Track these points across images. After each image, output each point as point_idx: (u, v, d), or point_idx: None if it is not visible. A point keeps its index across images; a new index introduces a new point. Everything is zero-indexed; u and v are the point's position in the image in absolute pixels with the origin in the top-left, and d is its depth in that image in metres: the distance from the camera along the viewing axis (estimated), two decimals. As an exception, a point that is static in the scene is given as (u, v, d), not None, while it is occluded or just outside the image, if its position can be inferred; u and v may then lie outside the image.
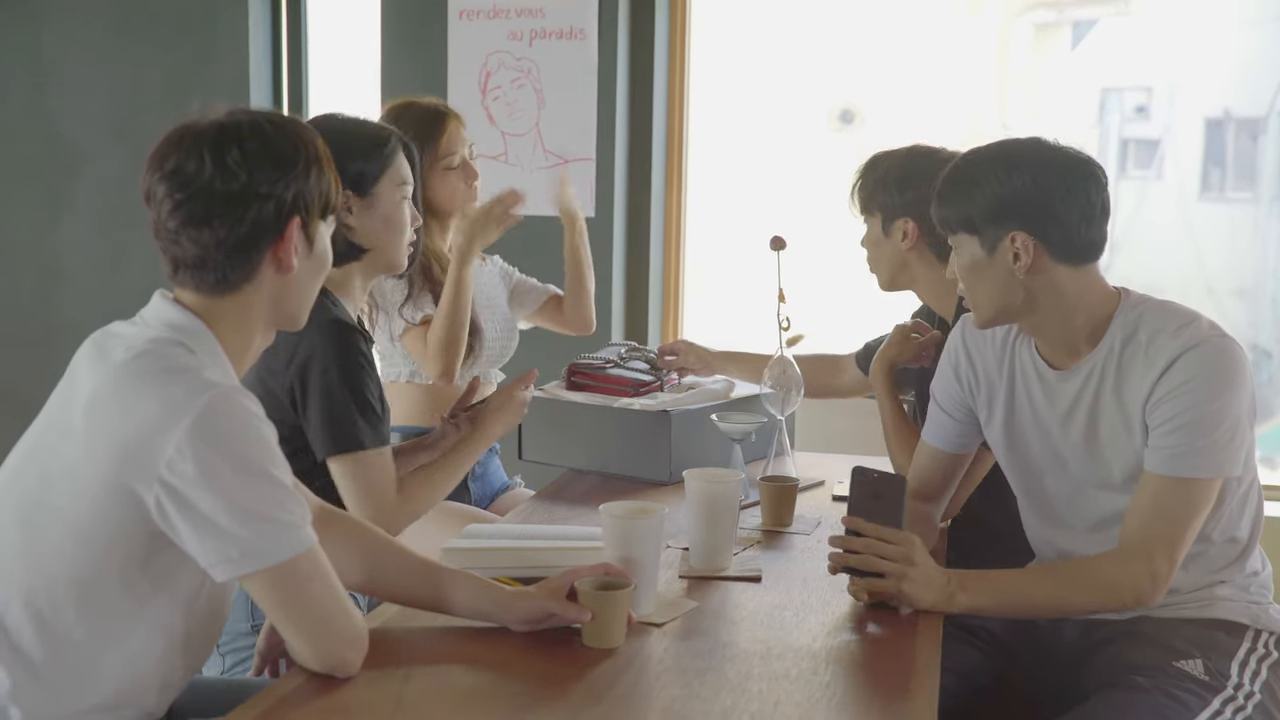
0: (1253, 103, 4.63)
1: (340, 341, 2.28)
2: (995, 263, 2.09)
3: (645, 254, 4.70)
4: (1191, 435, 2.01)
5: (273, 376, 2.29)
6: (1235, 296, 4.62)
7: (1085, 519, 2.19)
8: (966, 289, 2.17)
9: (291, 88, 5.12)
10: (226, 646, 2.31)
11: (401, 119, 3.06)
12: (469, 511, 3.01)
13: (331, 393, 2.26)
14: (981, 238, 2.10)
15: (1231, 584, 2.16)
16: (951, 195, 2.13)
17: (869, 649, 1.88)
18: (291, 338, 2.22)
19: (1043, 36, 4.92)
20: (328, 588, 1.66)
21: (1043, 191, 2.05)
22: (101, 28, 5.04)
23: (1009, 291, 2.11)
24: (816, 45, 4.79)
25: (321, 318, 2.24)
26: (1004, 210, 2.07)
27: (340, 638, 1.68)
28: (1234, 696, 2.02)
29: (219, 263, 1.68)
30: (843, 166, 4.83)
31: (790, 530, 2.46)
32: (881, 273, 2.76)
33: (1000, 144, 2.14)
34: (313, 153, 1.72)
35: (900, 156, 2.70)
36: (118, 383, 1.61)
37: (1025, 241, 2.06)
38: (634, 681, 1.72)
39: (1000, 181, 2.06)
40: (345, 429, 2.27)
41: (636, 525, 1.93)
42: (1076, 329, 2.13)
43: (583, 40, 4.49)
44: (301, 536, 1.62)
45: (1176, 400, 2.03)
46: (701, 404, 2.87)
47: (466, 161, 3.15)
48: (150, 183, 1.68)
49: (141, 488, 1.57)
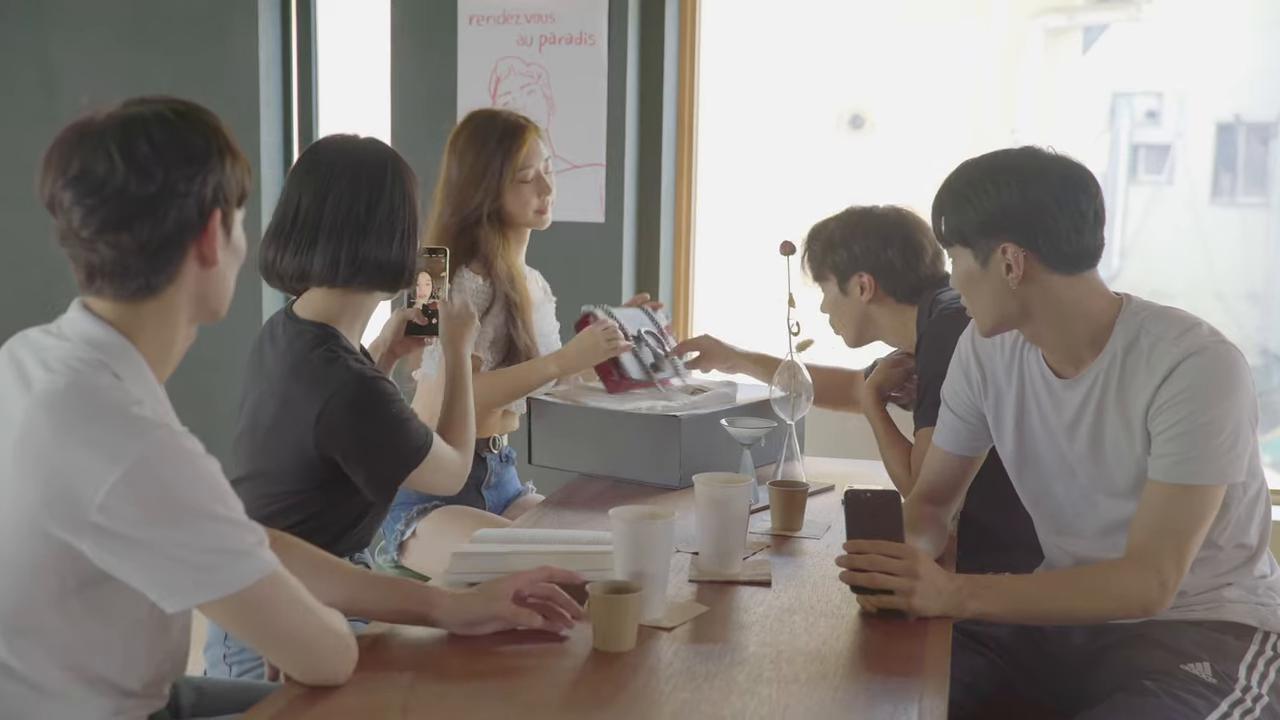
0: (1264, 107, 4.62)
1: (368, 399, 2.27)
2: (989, 274, 2.11)
3: (655, 259, 4.70)
4: (1193, 442, 2.02)
5: (299, 436, 2.28)
6: (1247, 301, 4.61)
7: (1094, 525, 2.20)
8: (966, 299, 2.19)
9: (301, 93, 5.13)
10: (234, 657, 2.31)
11: (481, 129, 3.12)
12: (483, 516, 3.01)
13: (377, 445, 2.29)
14: (974, 250, 2.12)
15: (1239, 586, 2.16)
16: (945, 209, 2.15)
17: (878, 654, 1.88)
18: (309, 399, 2.24)
19: (1053, 41, 4.92)
20: (296, 606, 1.61)
21: (1030, 203, 2.06)
22: (110, 32, 5.05)
23: (1004, 302, 2.12)
24: (827, 50, 4.79)
25: (340, 377, 2.24)
26: (993, 223, 2.08)
27: (319, 653, 1.65)
28: (1241, 699, 2.02)
29: (140, 268, 1.58)
30: (853, 172, 4.85)
31: (800, 535, 2.45)
32: (848, 332, 2.87)
33: (991, 156, 2.15)
34: (223, 140, 1.64)
35: (839, 219, 2.82)
36: (45, 422, 1.50)
37: (1015, 253, 2.07)
38: (644, 685, 1.72)
39: (988, 195, 2.08)
40: (408, 449, 2.32)
41: (647, 530, 1.93)
42: (1077, 337, 2.13)
43: (593, 45, 4.49)
44: (257, 563, 1.55)
45: (1177, 407, 2.03)
46: (711, 409, 2.87)
47: (540, 175, 3.15)
48: (52, 189, 1.58)
49: (71, 535, 1.49)
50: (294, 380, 2.27)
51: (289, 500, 2.31)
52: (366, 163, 2.31)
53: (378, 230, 2.29)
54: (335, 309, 2.33)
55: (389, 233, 2.30)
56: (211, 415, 2.79)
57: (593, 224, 4.58)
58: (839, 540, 2.35)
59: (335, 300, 2.33)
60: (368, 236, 2.28)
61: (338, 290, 2.31)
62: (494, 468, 3.20)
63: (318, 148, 2.39)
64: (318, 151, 2.38)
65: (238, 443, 2.39)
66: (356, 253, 2.28)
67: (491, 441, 3.19)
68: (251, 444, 2.35)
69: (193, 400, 2.38)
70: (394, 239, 2.31)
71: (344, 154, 2.33)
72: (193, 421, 1.63)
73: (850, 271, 2.77)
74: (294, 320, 2.34)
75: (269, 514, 2.30)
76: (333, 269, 2.28)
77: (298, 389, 2.26)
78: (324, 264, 2.28)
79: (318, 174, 2.30)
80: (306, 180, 2.31)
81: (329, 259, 2.27)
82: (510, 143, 3.11)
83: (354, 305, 2.35)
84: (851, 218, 2.80)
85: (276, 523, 2.25)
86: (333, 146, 2.37)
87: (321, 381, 2.25)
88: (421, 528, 3.02)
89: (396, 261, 2.32)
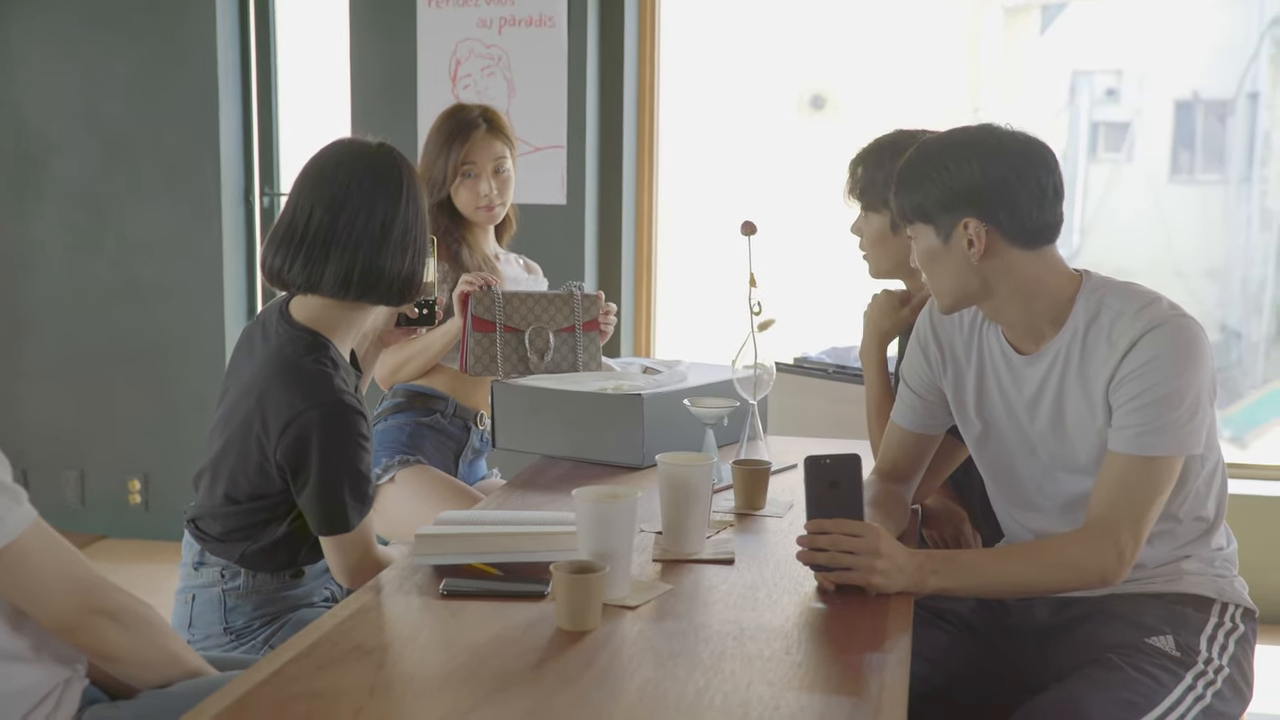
0: (1221, 85, 4.66)
1: (340, 426, 2.24)
2: (951, 250, 2.12)
3: (617, 241, 4.71)
4: (1154, 413, 2.03)
5: (265, 434, 2.26)
6: (1206, 278, 4.65)
7: (1055, 501, 2.21)
8: (928, 276, 2.20)
9: (260, 77, 5.10)
10: (198, 646, 2.30)
11: (440, 125, 3.28)
12: (458, 486, 3.08)
13: (327, 480, 2.24)
14: (936, 226, 2.12)
15: (1197, 559, 2.18)
16: (906, 187, 2.16)
17: (841, 629, 1.89)
18: (288, 401, 2.22)
19: (1013, 20, 4.94)
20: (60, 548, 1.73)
21: (990, 178, 2.07)
22: (70, 17, 5.02)
23: (966, 278, 2.13)
24: (788, 31, 4.80)
25: (323, 393, 2.23)
26: (955, 199, 2.09)
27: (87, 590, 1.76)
28: (1204, 671, 2.05)
29: None
30: (814, 152, 4.86)
31: (763, 513, 2.46)
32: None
33: (950, 133, 2.16)
34: None
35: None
36: None
37: (977, 228, 2.08)
38: (608, 663, 1.72)
39: (949, 172, 2.09)
40: (337, 514, 2.26)
41: (609, 509, 1.93)
42: (1038, 313, 2.15)
43: (552, 28, 4.49)
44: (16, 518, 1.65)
45: (1139, 379, 2.04)
46: (673, 387, 2.87)
47: (487, 173, 3.25)
48: None
49: None
50: (278, 382, 2.25)
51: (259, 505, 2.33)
52: (382, 176, 2.29)
53: (392, 248, 2.28)
54: (333, 319, 2.32)
55: (402, 250, 2.29)
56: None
57: (554, 206, 4.58)
58: (801, 518, 2.36)
59: (334, 310, 2.32)
60: (382, 253, 2.27)
61: (341, 301, 2.31)
62: (474, 444, 3.25)
63: (331, 155, 2.34)
64: (331, 159, 2.33)
65: (211, 431, 2.39)
66: (369, 269, 2.27)
67: (479, 417, 3.23)
68: (223, 435, 2.35)
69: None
70: (406, 255, 2.30)
71: (359, 165, 2.30)
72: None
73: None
74: (288, 322, 2.32)
75: (253, 524, 2.33)
76: (344, 285, 2.27)
77: (278, 391, 2.24)
78: (336, 278, 2.26)
79: (332, 185, 2.28)
80: (320, 190, 2.28)
81: (341, 274, 2.26)
82: (457, 139, 3.23)
83: (351, 316, 2.34)
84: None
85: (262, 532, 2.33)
86: (347, 156, 2.33)
87: (305, 390, 2.23)
88: (401, 476, 3.08)
89: (407, 277, 2.31)
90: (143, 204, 5.08)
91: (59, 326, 5.20)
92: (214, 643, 2.35)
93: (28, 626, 1.74)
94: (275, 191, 5.16)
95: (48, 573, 1.71)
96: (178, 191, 5.04)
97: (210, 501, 2.37)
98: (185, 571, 2.42)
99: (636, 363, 3.22)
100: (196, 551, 2.39)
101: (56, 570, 1.73)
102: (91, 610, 1.77)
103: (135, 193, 5.08)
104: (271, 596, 2.38)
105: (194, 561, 2.39)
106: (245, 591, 2.36)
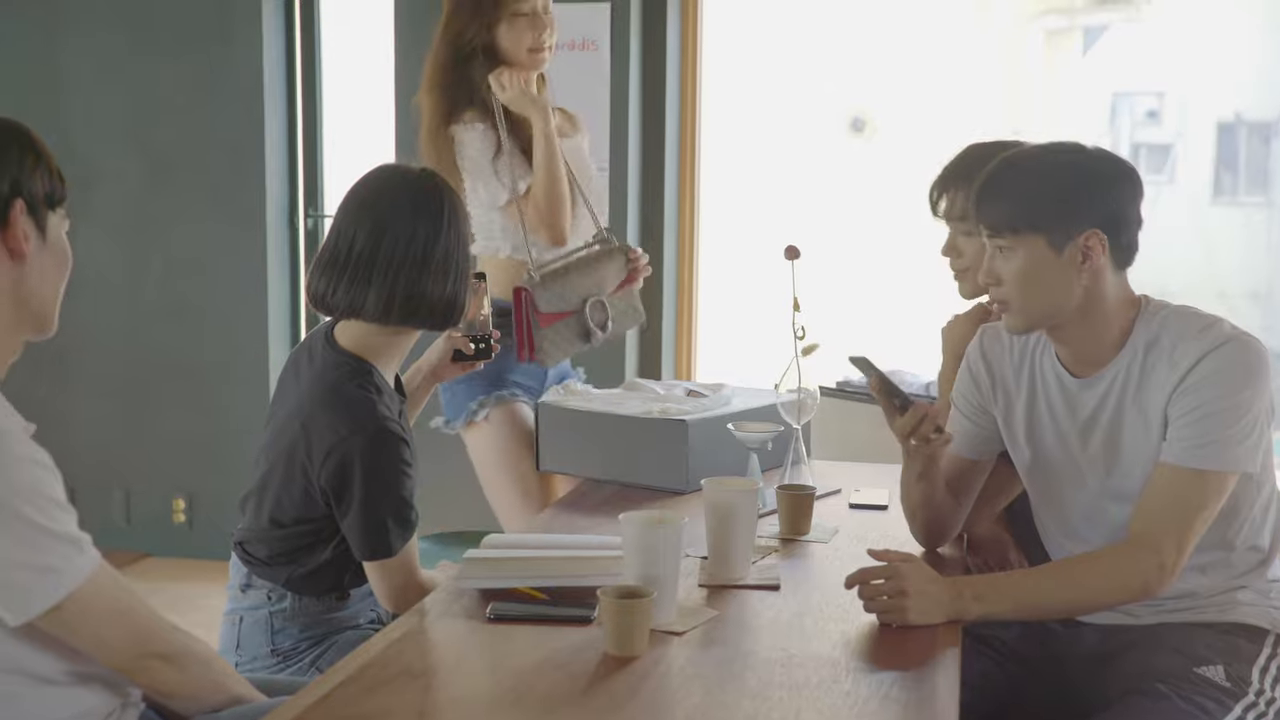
0: (1265, 106, 4.63)
1: (382, 452, 2.26)
2: (1061, 263, 2.07)
3: (659, 265, 4.71)
4: (1209, 427, 2.02)
5: (309, 459, 2.28)
6: (1249, 300, 4.62)
7: (1100, 531, 2.19)
8: (1018, 290, 2.11)
9: (305, 100, 5.14)
10: (245, 668, 2.32)
11: None
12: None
13: (369, 505, 2.26)
14: (1050, 236, 2.07)
15: (1253, 589, 2.16)
16: (1012, 194, 2.10)
17: (889, 658, 1.88)
18: (331, 427, 2.24)
19: (1054, 42, 4.93)
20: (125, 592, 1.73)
21: (1117, 195, 2.08)
22: (118, 41, 5.08)
23: (1066, 293, 2.09)
24: (828, 54, 4.81)
25: (366, 420, 2.25)
26: (1079, 210, 2.06)
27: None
28: (1255, 703, 2.02)
29: None
30: (855, 174, 4.86)
31: (808, 539, 2.46)
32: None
33: (1057, 144, 2.15)
34: (26, 140, 1.70)
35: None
36: None
37: (1098, 241, 2.06)
38: (656, 689, 1.73)
39: (1072, 182, 2.07)
40: (380, 539, 2.28)
41: (656, 534, 1.94)
42: (1104, 334, 2.13)
43: (595, 52, 4.50)
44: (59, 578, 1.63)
45: (1197, 392, 2.03)
46: (717, 411, 2.87)
47: (538, 11, 3.09)
48: None
49: None
50: (321, 407, 2.27)
51: (304, 529, 2.35)
52: (423, 201, 2.31)
53: (434, 272, 2.29)
54: (377, 344, 2.34)
55: (444, 275, 2.30)
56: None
57: (596, 229, 4.58)
58: (847, 544, 2.37)
59: (377, 335, 2.33)
60: (424, 278, 2.28)
61: (384, 326, 2.32)
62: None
63: (373, 181, 2.36)
64: (374, 185, 2.36)
65: (258, 455, 2.41)
66: (411, 293, 2.28)
67: None
68: (269, 459, 2.37)
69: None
70: (449, 279, 2.31)
71: (401, 191, 2.32)
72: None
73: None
74: (333, 347, 2.34)
75: (299, 548, 2.35)
76: (386, 309, 2.28)
77: (322, 416, 2.26)
78: (378, 303, 2.27)
79: (375, 211, 2.30)
80: (363, 215, 2.30)
81: (384, 298, 2.27)
82: None
83: (395, 342, 2.36)
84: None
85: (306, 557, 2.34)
86: (389, 182, 2.36)
87: (348, 416, 2.25)
88: (495, 415, 3.06)
89: (449, 301, 2.32)
90: (189, 225, 5.13)
91: (106, 347, 5.25)
92: (261, 664, 2.36)
93: (85, 653, 1.76)
94: (319, 213, 5.19)
95: (105, 621, 1.71)
96: (223, 213, 5.09)
97: (256, 525, 2.39)
98: (232, 594, 2.44)
99: (680, 385, 3.21)
100: (244, 574, 2.41)
101: (115, 617, 1.72)
102: (147, 655, 1.78)
103: (181, 214, 5.13)
104: (317, 619, 2.39)
105: (241, 584, 2.41)
106: (291, 614, 2.38)
